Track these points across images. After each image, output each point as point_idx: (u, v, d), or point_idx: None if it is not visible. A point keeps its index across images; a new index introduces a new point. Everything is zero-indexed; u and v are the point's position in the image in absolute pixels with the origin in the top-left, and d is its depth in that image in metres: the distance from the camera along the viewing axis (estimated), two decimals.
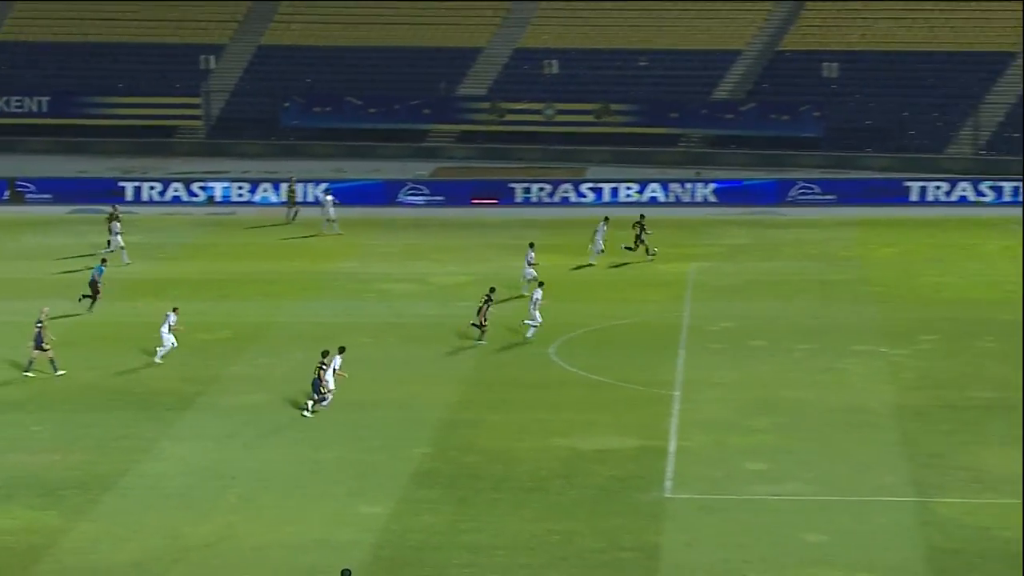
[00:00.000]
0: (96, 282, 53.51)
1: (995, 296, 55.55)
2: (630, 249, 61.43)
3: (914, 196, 73.59)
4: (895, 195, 73.54)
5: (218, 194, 75.20)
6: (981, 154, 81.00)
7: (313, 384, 42.68)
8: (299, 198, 70.95)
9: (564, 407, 43.46)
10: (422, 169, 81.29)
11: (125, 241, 61.99)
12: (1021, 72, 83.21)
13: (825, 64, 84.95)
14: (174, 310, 48.09)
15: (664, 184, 75.03)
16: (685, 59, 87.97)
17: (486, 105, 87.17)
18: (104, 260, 56.13)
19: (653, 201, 74.27)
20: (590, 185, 75.49)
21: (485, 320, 49.14)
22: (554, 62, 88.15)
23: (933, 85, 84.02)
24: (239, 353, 48.08)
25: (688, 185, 74.90)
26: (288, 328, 51.52)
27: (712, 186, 74.82)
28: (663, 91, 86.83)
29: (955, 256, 62.11)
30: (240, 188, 75.49)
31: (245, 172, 79.31)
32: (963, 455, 39.00)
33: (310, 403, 42.63)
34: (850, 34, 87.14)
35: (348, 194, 72.47)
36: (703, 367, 46.97)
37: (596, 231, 61.35)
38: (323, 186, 72.99)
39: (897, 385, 45.09)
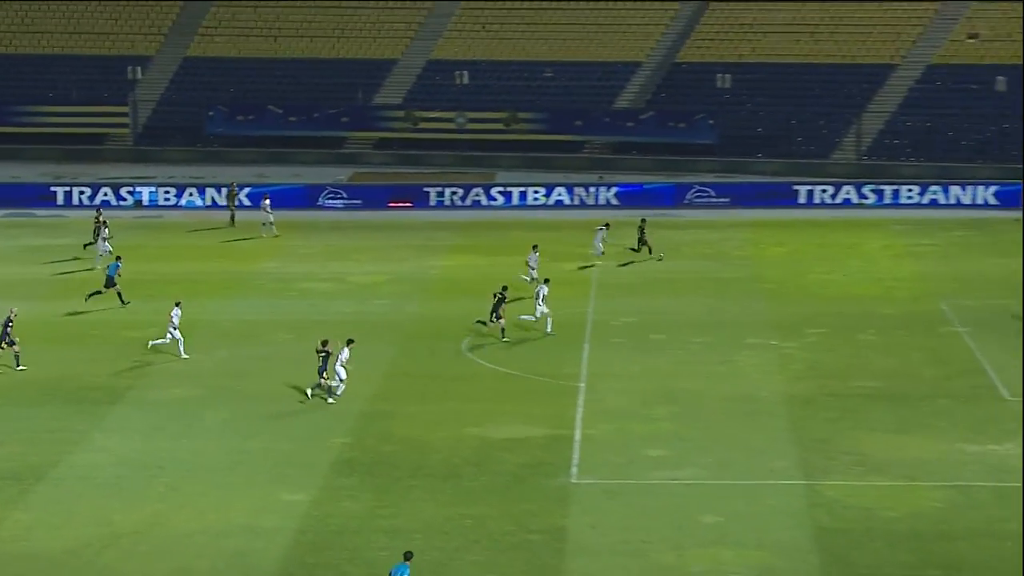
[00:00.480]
0: (112, 278, 52.94)
1: (876, 292, 56.22)
2: (634, 250, 61.18)
3: (802, 199, 74.24)
4: (785, 198, 74.17)
5: (145, 198, 74.53)
6: (864, 159, 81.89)
7: (319, 371, 42.75)
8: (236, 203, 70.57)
9: (476, 399, 43.48)
10: (341, 174, 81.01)
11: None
12: (901, 82, 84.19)
13: (719, 75, 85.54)
14: (177, 304, 47.62)
15: (569, 188, 75.23)
16: (588, 70, 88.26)
17: (401, 114, 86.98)
18: (119, 257, 55.36)
19: (559, 204, 74.45)
20: (500, 189, 75.52)
21: (500, 317, 48.73)
22: (465, 73, 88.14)
23: (819, 95, 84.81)
24: (167, 349, 47.68)
25: (592, 189, 75.14)
26: (213, 326, 51.16)
27: (614, 190, 75.08)
28: (568, 100, 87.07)
29: (840, 255, 62.77)
30: (167, 193, 74.87)
31: (171, 177, 78.69)
32: (847, 440, 39.43)
33: (309, 391, 42.81)
34: (742, 47, 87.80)
35: (270, 198, 71.98)
36: (607, 360, 47.15)
37: (595, 235, 60.95)
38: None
39: (786, 376, 45.50)
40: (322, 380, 42.83)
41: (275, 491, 36.32)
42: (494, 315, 48.92)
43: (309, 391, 43.13)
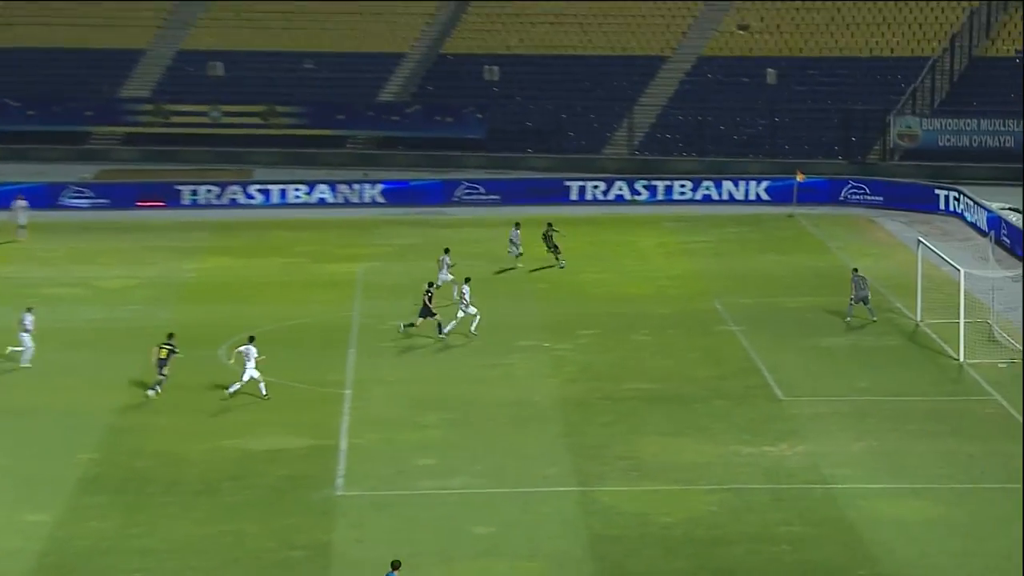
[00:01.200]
0: None
1: (650, 291, 57.17)
2: (555, 255, 59.56)
3: (573, 195, 75.17)
4: (556, 194, 74.97)
5: None
6: (636, 154, 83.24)
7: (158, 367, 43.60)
8: None
9: (235, 409, 42.99)
10: (86, 171, 79.26)
11: None
12: (672, 75, 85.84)
13: (486, 67, 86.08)
14: (28, 310, 46.29)
15: (332, 185, 74.89)
16: (350, 61, 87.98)
17: (150, 107, 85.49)
18: None
19: (322, 203, 74.06)
20: (258, 187, 74.79)
21: (434, 313, 48.89)
22: (219, 64, 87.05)
23: (589, 88, 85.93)
24: None
25: (356, 186, 74.91)
26: None
27: (380, 187, 74.98)
28: (329, 93, 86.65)
29: (613, 253, 63.69)
30: None
31: None
32: (622, 445, 40.00)
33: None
34: (509, 38, 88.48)
35: (7, 197, 69.98)
36: (373, 366, 47.05)
37: (510, 237, 59.98)
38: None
39: (560, 379, 45.98)
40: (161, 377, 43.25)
41: (17, 511, 35.37)
42: (426, 313, 49.12)
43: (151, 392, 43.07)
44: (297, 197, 74.41)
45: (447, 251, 55.85)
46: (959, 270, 48.36)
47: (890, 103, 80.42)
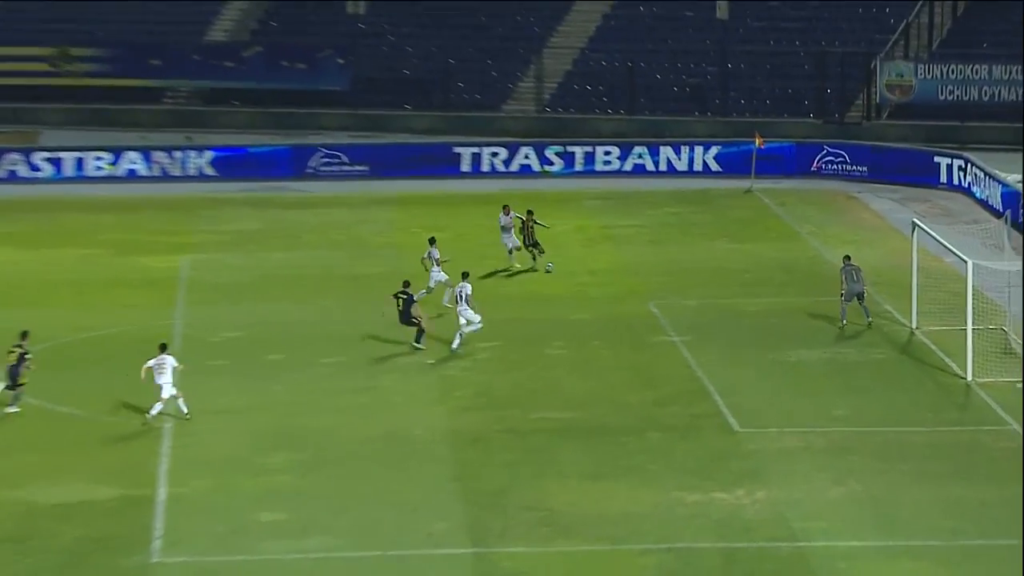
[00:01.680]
0: None
1: (567, 290, 57.26)
2: (534, 253, 59.16)
3: (466, 165, 75.23)
4: (442, 164, 74.99)
5: None
6: (546, 112, 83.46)
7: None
8: None
9: (16, 449, 42.67)
10: None
11: None
12: (591, 8, 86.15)
13: None
14: None
15: (146, 153, 74.47)
16: None
17: None
18: None
19: (132, 176, 73.68)
20: (46, 155, 74.26)
21: (417, 319, 49.79)
22: None
23: (484, 26, 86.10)
24: None
25: (178, 154, 74.53)
26: None
27: (209, 155, 74.65)
28: (141, 32, 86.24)
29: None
30: None
31: None
32: (530, 491, 40.07)
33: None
34: None
35: None
36: (202, 390, 46.78)
37: (501, 223, 59.41)
38: None
39: (449, 406, 45.98)
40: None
41: None
42: (408, 320, 49.83)
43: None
44: (99, 169, 73.96)
45: (433, 242, 55.28)
46: (966, 261, 48.84)
47: (876, 45, 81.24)
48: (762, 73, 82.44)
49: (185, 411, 44.69)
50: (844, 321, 51.91)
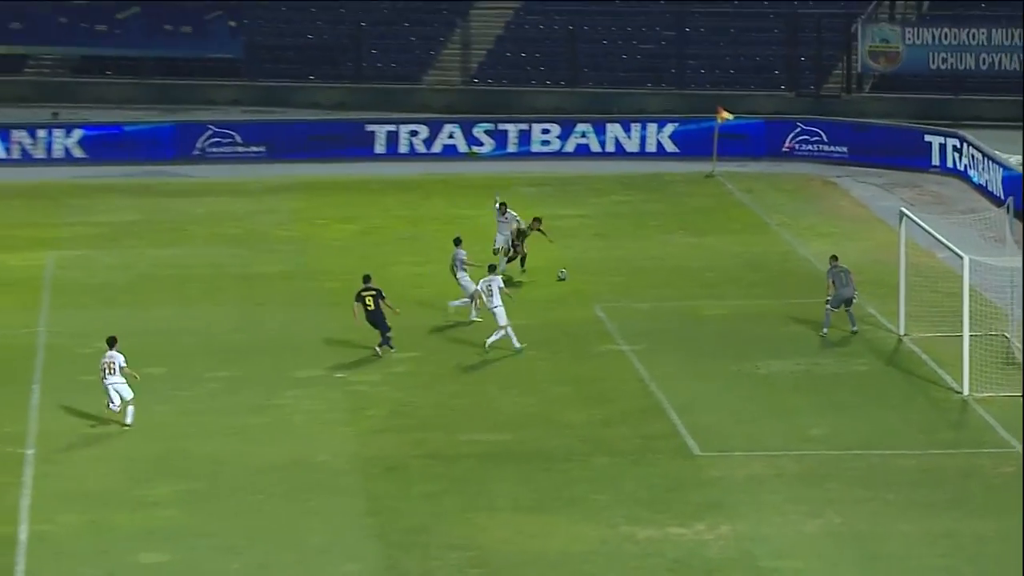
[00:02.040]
0: None
1: None
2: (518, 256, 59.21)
3: (380, 146, 75.29)
4: (353, 145, 75.05)
5: None
6: (474, 83, 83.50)
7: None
8: None
9: None
10: None
11: None
12: None
13: None
14: None
15: (3, 132, 74.30)
16: None
17: None
18: None
19: None
20: None
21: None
22: None
23: None
24: None
25: (41, 133, 74.39)
26: None
27: (78, 133, 74.52)
28: None
29: (439, 235, 63.66)
30: None
31: None
32: (456, 527, 40.12)
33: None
34: None
35: None
36: (71, 411, 46.72)
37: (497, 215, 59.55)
38: None
39: (360, 427, 46.02)
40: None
41: None
42: (379, 319, 50.39)
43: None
44: None
45: (458, 242, 54.76)
46: (961, 257, 49.10)
47: (857, 5, 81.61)
48: (725, 38, 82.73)
49: (129, 421, 45.37)
50: (826, 329, 52.08)
